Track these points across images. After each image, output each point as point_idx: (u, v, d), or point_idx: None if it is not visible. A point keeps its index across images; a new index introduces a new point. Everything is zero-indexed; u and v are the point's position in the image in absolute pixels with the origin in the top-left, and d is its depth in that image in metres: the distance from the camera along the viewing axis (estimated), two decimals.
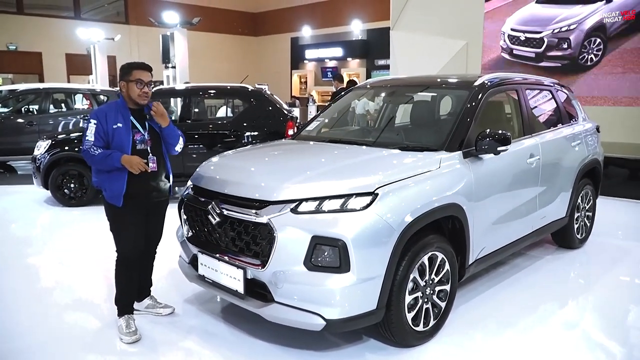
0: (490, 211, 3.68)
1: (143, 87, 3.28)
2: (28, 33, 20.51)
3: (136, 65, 3.35)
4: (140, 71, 3.30)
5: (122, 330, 3.34)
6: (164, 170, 3.51)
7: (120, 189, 3.25)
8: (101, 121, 3.25)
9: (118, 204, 3.28)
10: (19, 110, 10.53)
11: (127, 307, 3.44)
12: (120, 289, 3.44)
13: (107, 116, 3.27)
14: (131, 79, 3.28)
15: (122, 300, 3.43)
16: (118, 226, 3.38)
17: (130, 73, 3.28)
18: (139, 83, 3.27)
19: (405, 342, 3.16)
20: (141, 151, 3.31)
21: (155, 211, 3.53)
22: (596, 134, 5.31)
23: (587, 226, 5.25)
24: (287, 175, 3.14)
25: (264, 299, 3.00)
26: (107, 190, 3.32)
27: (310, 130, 4.52)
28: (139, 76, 3.28)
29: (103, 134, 3.24)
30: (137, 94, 3.28)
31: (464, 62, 9.90)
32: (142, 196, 3.37)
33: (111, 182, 3.28)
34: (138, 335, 3.33)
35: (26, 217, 6.79)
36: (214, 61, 25.07)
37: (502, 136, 3.49)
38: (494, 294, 4.09)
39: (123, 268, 3.41)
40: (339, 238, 2.76)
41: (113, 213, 3.37)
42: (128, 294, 3.46)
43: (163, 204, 3.57)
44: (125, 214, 3.33)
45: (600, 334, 3.51)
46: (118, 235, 3.40)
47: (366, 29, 22.03)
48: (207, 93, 8.21)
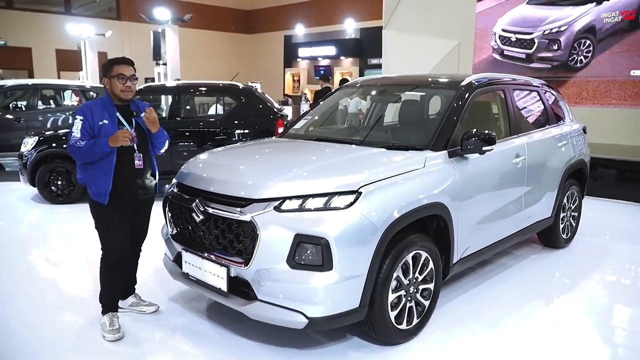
0: (475, 210, 3.69)
1: (125, 82, 3.25)
2: (18, 28, 20.33)
3: (117, 60, 3.32)
4: (121, 66, 3.27)
5: (105, 328, 3.32)
6: (150, 167, 3.48)
7: (107, 186, 3.23)
8: (87, 117, 3.22)
9: (104, 201, 3.25)
10: (6, 107, 10.41)
11: (111, 305, 3.42)
12: (104, 287, 3.42)
13: (93, 112, 3.24)
14: (113, 75, 3.25)
15: (106, 299, 3.42)
16: (103, 224, 3.36)
17: (112, 69, 3.26)
18: (120, 78, 3.24)
19: (388, 340, 3.17)
20: (127, 148, 3.28)
21: (141, 209, 3.51)
22: (583, 135, 5.34)
23: (572, 226, 5.29)
24: (271, 173, 3.13)
25: (247, 297, 2.99)
26: (93, 188, 3.30)
27: (298, 128, 4.51)
28: (120, 71, 3.25)
29: (89, 129, 3.21)
30: (119, 89, 3.26)
31: (456, 62, 9.94)
32: (128, 194, 3.35)
33: (97, 179, 3.25)
34: (121, 334, 3.31)
35: (12, 215, 6.74)
36: (207, 58, 25.00)
37: (488, 136, 3.50)
38: (479, 292, 4.11)
39: (108, 266, 3.39)
40: (322, 236, 2.76)
41: (98, 211, 3.34)
42: (112, 292, 3.44)
43: (149, 201, 3.55)
44: (111, 212, 3.31)
45: (585, 332, 3.53)
46: (103, 234, 3.38)
47: (359, 28, 22.07)
48: (197, 90, 8.18)
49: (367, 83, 5.08)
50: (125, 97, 3.29)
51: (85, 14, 22.73)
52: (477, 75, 4.25)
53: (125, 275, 3.58)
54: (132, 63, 3.34)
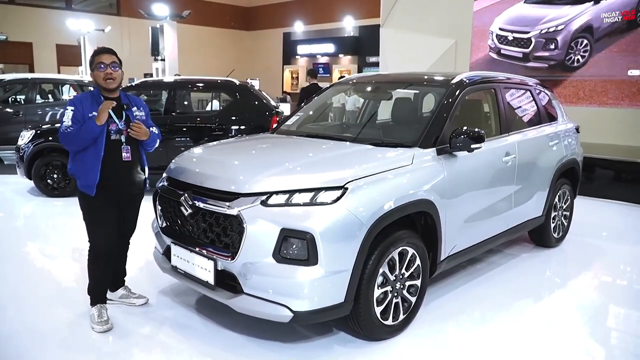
0: (463, 208, 3.71)
1: (106, 69, 3.25)
2: (18, 23, 20.34)
3: (96, 51, 3.35)
4: (99, 55, 3.28)
5: (93, 320, 3.35)
6: (138, 161, 3.50)
7: (94, 178, 3.25)
8: (77, 107, 3.25)
9: (91, 193, 3.28)
10: (5, 100, 10.44)
11: (99, 297, 3.45)
12: (92, 279, 3.45)
13: (83, 103, 3.27)
14: (94, 65, 3.28)
15: (94, 290, 3.45)
16: (91, 217, 3.39)
17: (93, 60, 3.29)
18: (101, 66, 3.25)
19: (373, 335, 3.20)
20: (115, 141, 3.32)
21: (130, 203, 3.53)
22: (576, 134, 5.35)
23: (564, 225, 5.31)
24: (259, 168, 3.15)
25: (233, 290, 3.02)
26: (81, 179, 3.32)
27: (290, 124, 4.53)
28: (99, 60, 3.26)
29: (80, 118, 3.23)
30: (101, 78, 3.27)
31: (453, 60, 9.95)
32: (116, 187, 3.37)
33: (85, 170, 3.28)
34: (110, 325, 3.34)
35: (9, 207, 6.76)
36: (206, 55, 24.99)
37: (476, 134, 3.51)
38: (467, 289, 4.13)
39: (95, 259, 3.41)
40: (307, 231, 2.78)
41: (86, 203, 3.37)
42: (100, 284, 3.47)
43: (137, 197, 3.57)
44: (99, 206, 3.34)
45: (574, 331, 3.54)
46: (91, 227, 3.40)
47: (358, 26, 22.07)
48: (194, 86, 8.19)
49: (361, 80, 5.10)
50: (107, 86, 3.29)
51: (85, 9, 22.73)
52: (469, 73, 4.27)
53: (113, 267, 3.60)
54: (113, 51, 3.35)
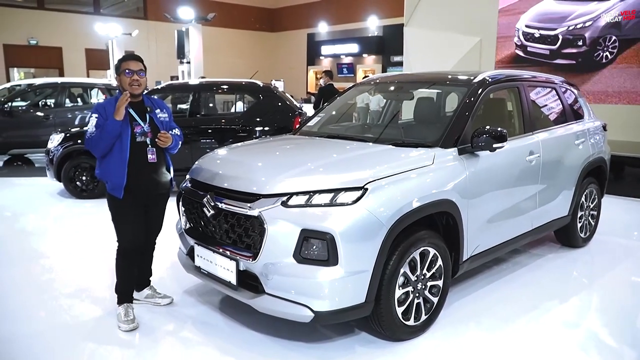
0: (485, 208, 3.68)
1: (132, 75, 3.36)
2: (48, 28, 20.88)
3: (124, 57, 3.48)
4: (128, 62, 3.40)
5: (120, 318, 3.43)
6: (164, 162, 3.59)
7: (121, 180, 3.34)
8: (101, 114, 3.35)
9: (119, 195, 3.37)
10: (36, 104, 10.76)
11: (126, 296, 3.53)
12: (119, 278, 3.54)
13: (107, 109, 3.35)
14: (121, 70, 3.39)
15: (121, 289, 3.53)
16: (119, 218, 3.48)
17: (120, 66, 3.40)
18: (127, 72, 3.36)
19: (395, 335, 3.19)
20: (140, 143, 3.41)
21: (156, 203, 3.61)
22: (602, 133, 5.25)
23: (591, 225, 5.20)
24: (280, 169, 3.19)
25: (255, 290, 3.05)
26: (109, 182, 3.42)
27: (312, 125, 4.56)
28: (127, 66, 3.37)
29: (103, 123, 3.31)
30: (127, 83, 3.37)
31: (478, 58, 9.84)
32: (143, 188, 3.45)
33: (112, 173, 3.37)
34: (135, 324, 3.42)
35: (39, 209, 6.95)
36: (231, 56, 25.26)
37: (498, 133, 3.48)
38: (491, 290, 4.08)
39: (122, 258, 3.50)
40: (327, 232, 2.80)
41: (114, 205, 3.46)
42: (127, 283, 3.55)
43: (163, 196, 3.65)
44: (126, 206, 3.42)
45: (602, 334, 3.47)
46: (118, 227, 3.49)
47: (382, 25, 22.00)
48: (218, 88, 8.29)
49: (383, 80, 5.08)
50: (133, 91, 3.38)
51: (113, 13, 23.20)
52: (492, 72, 4.23)
53: (140, 267, 3.69)
54: (140, 59, 3.47)
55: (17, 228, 6.00)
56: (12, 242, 5.42)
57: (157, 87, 8.09)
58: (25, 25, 20.41)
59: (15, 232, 5.80)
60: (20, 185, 8.44)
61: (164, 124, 3.54)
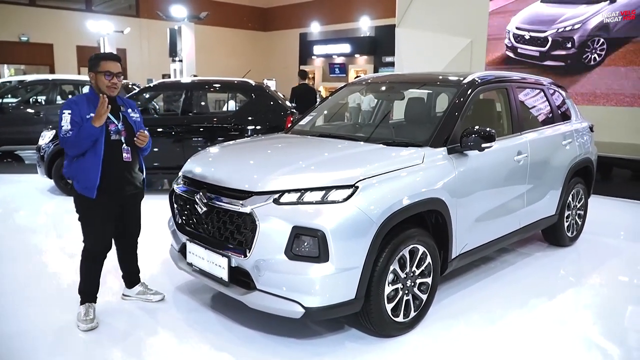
0: (474, 207, 3.74)
1: (112, 78, 3.27)
2: (40, 25, 20.74)
3: (104, 56, 3.33)
4: (108, 62, 3.28)
5: (79, 317, 3.37)
6: (137, 162, 3.53)
7: (94, 180, 3.23)
8: (74, 110, 3.21)
9: (92, 195, 3.24)
10: (27, 101, 10.71)
11: (88, 296, 3.45)
12: (83, 279, 3.45)
13: (79, 106, 3.24)
14: (99, 70, 3.26)
15: (84, 290, 3.45)
16: (88, 219, 3.36)
17: (99, 64, 3.27)
18: (107, 74, 3.26)
19: (385, 332, 3.24)
20: (115, 142, 3.32)
21: (130, 203, 3.53)
22: (589, 133, 5.33)
23: (578, 224, 5.29)
24: (272, 167, 3.22)
25: (247, 286, 3.09)
26: (80, 182, 3.28)
27: (303, 124, 4.60)
28: (107, 67, 3.26)
29: (79, 119, 3.19)
30: (105, 85, 3.27)
31: (468, 59, 9.93)
32: (117, 188, 3.36)
33: (85, 172, 3.25)
34: (95, 324, 3.36)
35: (30, 206, 6.94)
36: (223, 55, 25.22)
37: (487, 133, 3.54)
38: (480, 288, 4.15)
39: (87, 259, 3.42)
40: (318, 229, 2.84)
41: (85, 205, 3.33)
42: (90, 284, 3.46)
43: (136, 196, 3.57)
44: (97, 207, 3.31)
45: (589, 331, 3.52)
46: (86, 228, 3.38)
47: (374, 26, 22.09)
48: (210, 87, 8.30)
49: (375, 80, 5.14)
50: (111, 94, 3.29)
51: (105, 11, 23.07)
52: (482, 73, 4.29)
53: (127, 267, 3.72)
54: (119, 60, 3.36)
55: (7, 225, 5.99)
56: (2, 239, 5.41)
57: (149, 85, 8.08)
58: (17, 21, 20.28)
59: (6, 229, 5.79)
60: (10, 182, 8.41)
61: (136, 123, 3.47)
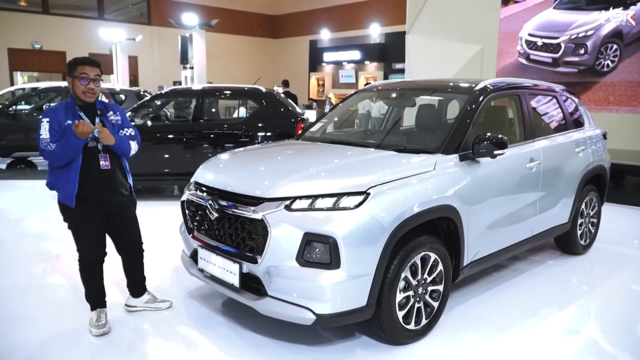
0: (486, 214, 3.71)
1: (88, 83, 3.17)
2: (53, 33, 20.97)
3: (81, 60, 3.21)
4: (85, 66, 3.17)
5: (91, 323, 3.40)
6: (119, 169, 3.41)
7: (72, 189, 3.16)
8: (52, 118, 3.14)
9: (71, 204, 3.20)
10: (40, 108, 10.82)
11: (97, 302, 3.47)
12: (87, 287, 3.47)
13: (57, 114, 3.17)
14: (76, 75, 3.17)
15: (90, 297, 3.47)
16: (74, 229, 3.34)
17: (75, 68, 3.17)
18: (83, 78, 3.16)
19: (396, 339, 3.22)
20: (92, 149, 3.22)
21: (120, 212, 3.45)
22: (602, 141, 5.29)
23: (591, 232, 5.23)
24: (283, 173, 3.23)
25: (258, 292, 3.09)
26: (60, 191, 3.25)
27: (314, 131, 4.60)
28: (83, 71, 3.16)
29: (57, 128, 3.12)
30: (81, 91, 3.18)
31: (479, 66, 9.90)
32: (97, 197, 3.28)
33: (64, 182, 3.20)
34: (106, 329, 3.37)
35: (42, 212, 6.98)
36: (234, 62, 25.35)
37: (499, 140, 3.52)
38: (491, 296, 4.11)
39: (84, 268, 3.42)
40: (330, 235, 2.83)
41: (68, 215, 3.30)
42: (94, 291, 3.47)
43: (126, 204, 3.48)
44: (81, 216, 3.27)
45: (601, 341, 3.48)
46: (75, 237, 3.36)
47: (384, 33, 22.10)
48: (221, 94, 8.35)
49: (385, 87, 5.14)
50: (86, 99, 3.21)
51: (117, 19, 23.30)
52: (494, 80, 4.27)
53: (132, 275, 3.70)
54: (98, 64, 3.24)
55: (19, 231, 6.04)
56: (15, 245, 5.46)
57: (160, 92, 8.14)
58: (30, 29, 20.52)
59: (18, 235, 5.84)
60: (23, 188, 8.49)
61: (115, 127, 3.35)
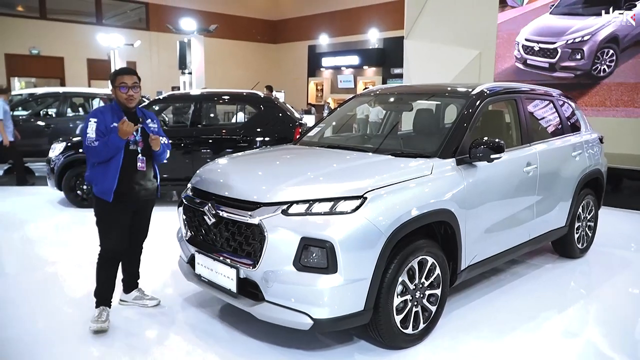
0: (483, 218, 3.72)
1: (127, 91, 3.48)
2: (50, 38, 20.95)
3: (120, 70, 3.58)
4: (123, 76, 3.50)
5: (92, 318, 3.51)
6: (151, 170, 3.72)
7: (112, 184, 3.44)
8: (99, 119, 3.44)
9: (108, 199, 3.46)
10: (37, 113, 10.82)
11: (104, 299, 3.60)
12: (99, 283, 3.62)
13: (105, 115, 3.47)
14: (116, 84, 3.49)
15: (99, 294, 3.60)
16: (105, 222, 3.57)
17: (115, 79, 3.50)
18: (122, 87, 3.47)
19: (394, 344, 3.22)
20: (132, 151, 3.54)
21: (142, 209, 3.73)
22: (599, 145, 5.30)
23: (588, 236, 5.24)
24: (280, 178, 3.24)
25: (255, 298, 3.09)
26: (98, 185, 3.50)
27: (312, 136, 4.61)
28: (122, 80, 3.48)
29: (104, 129, 3.42)
30: (123, 98, 3.49)
31: (477, 71, 9.94)
32: (131, 193, 3.56)
33: (104, 177, 3.46)
34: (105, 325, 3.48)
35: (40, 218, 6.97)
36: (232, 67, 25.36)
37: (496, 144, 3.53)
38: (490, 300, 4.11)
39: (104, 264, 3.60)
40: (327, 240, 2.84)
41: (102, 209, 3.54)
42: (106, 289, 3.61)
43: (149, 203, 3.79)
44: (114, 211, 3.52)
45: (600, 344, 3.49)
46: (103, 232, 3.59)
47: (383, 38, 22.13)
48: (219, 99, 8.36)
49: (383, 92, 5.15)
50: (128, 105, 3.52)
51: (115, 24, 23.32)
52: (491, 84, 4.29)
53: (128, 270, 3.86)
54: (134, 72, 3.57)
55: (18, 236, 6.02)
56: (14, 251, 5.45)
57: (159, 97, 8.15)
58: (27, 35, 20.51)
59: (17, 241, 5.83)
60: (21, 194, 8.47)
61: (153, 133, 3.66)
